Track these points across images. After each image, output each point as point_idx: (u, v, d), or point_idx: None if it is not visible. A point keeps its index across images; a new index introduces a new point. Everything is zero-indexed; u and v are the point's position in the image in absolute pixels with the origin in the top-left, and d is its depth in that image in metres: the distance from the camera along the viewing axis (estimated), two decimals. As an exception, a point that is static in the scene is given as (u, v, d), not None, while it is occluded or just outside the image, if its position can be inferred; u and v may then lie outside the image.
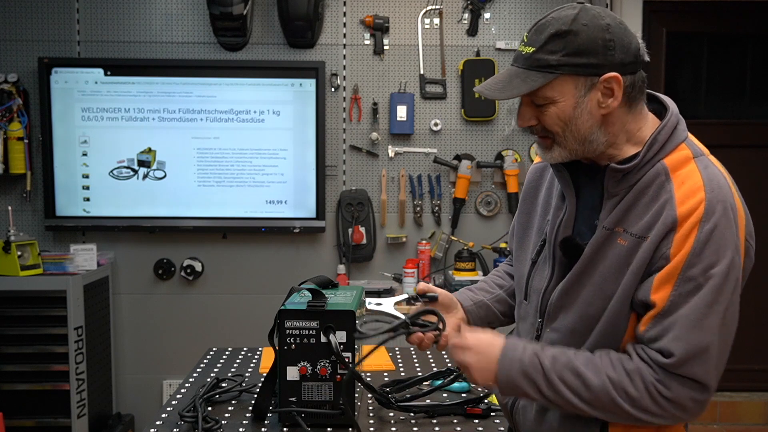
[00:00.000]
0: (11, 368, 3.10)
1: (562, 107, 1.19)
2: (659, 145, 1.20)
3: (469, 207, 3.59)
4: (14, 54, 3.45)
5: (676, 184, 1.17)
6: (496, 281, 1.59)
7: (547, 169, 1.42)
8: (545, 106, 1.20)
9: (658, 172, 1.19)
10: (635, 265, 1.18)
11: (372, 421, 1.62)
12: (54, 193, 3.42)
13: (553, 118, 1.20)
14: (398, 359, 2.14)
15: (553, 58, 1.16)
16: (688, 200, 1.15)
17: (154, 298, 3.57)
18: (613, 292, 1.20)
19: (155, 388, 3.59)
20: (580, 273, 1.25)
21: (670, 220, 1.15)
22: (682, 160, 1.19)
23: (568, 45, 1.15)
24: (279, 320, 1.53)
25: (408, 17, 3.53)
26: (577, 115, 1.19)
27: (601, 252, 1.22)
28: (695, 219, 1.13)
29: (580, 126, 1.19)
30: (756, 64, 3.83)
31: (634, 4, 3.53)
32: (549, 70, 1.16)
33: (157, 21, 3.49)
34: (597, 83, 1.17)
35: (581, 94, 1.18)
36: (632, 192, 1.20)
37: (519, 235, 1.46)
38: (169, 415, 1.64)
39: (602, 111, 1.19)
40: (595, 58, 1.16)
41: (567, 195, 1.31)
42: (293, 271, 3.52)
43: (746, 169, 3.65)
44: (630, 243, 1.19)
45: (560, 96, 1.18)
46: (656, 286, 1.14)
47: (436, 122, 3.54)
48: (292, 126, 3.46)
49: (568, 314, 1.27)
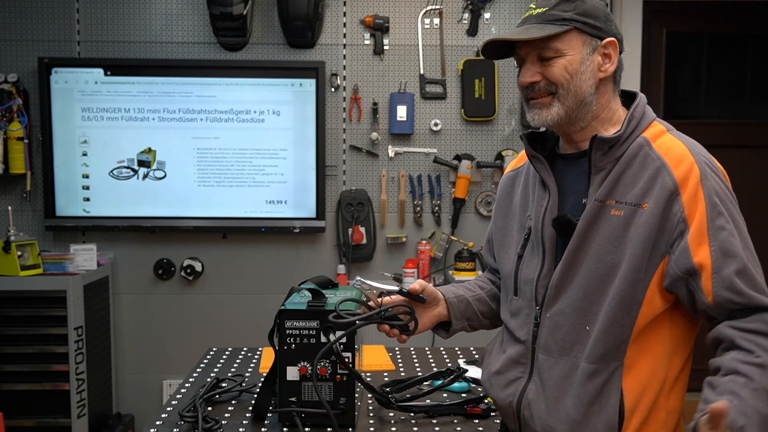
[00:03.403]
0: (11, 368, 3.10)
1: (570, 60, 1.27)
2: (636, 121, 1.29)
3: (469, 207, 3.59)
4: (14, 54, 3.45)
5: (662, 152, 1.25)
6: (478, 283, 1.61)
7: (518, 177, 1.48)
8: (553, 59, 1.27)
9: (641, 144, 1.27)
10: (639, 233, 1.21)
11: (372, 421, 1.62)
12: (54, 193, 3.42)
13: (560, 69, 1.27)
14: (398, 359, 2.14)
15: (566, 14, 1.26)
16: (681, 164, 1.23)
17: (154, 298, 3.57)
18: (615, 262, 1.23)
19: (155, 388, 3.59)
20: (576, 249, 1.27)
21: (671, 185, 1.21)
22: (658, 133, 1.29)
23: (577, 7, 1.27)
24: (279, 320, 1.53)
25: (408, 17, 3.53)
26: (582, 71, 1.27)
27: (594, 225, 1.26)
28: (695, 178, 1.21)
29: (582, 83, 1.27)
30: (756, 64, 3.83)
31: (634, 4, 3.53)
32: (563, 23, 1.26)
33: (157, 21, 3.49)
34: (598, 46, 1.28)
35: (587, 51, 1.27)
36: (619, 164, 1.27)
37: (499, 240, 1.49)
38: (169, 415, 1.64)
39: (600, 75, 1.29)
40: (599, 22, 1.28)
41: (548, 182, 1.35)
42: (293, 271, 3.52)
43: (746, 169, 3.65)
44: (626, 212, 1.24)
45: (570, 49, 1.27)
46: (693, 249, 1.19)
47: (436, 122, 3.54)
48: (292, 126, 3.46)
49: (569, 294, 1.28)
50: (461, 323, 1.52)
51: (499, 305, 1.53)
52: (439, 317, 1.50)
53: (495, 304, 1.56)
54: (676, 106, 3.80)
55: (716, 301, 1.19)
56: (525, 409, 1.33)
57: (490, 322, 1.57)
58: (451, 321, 1.51)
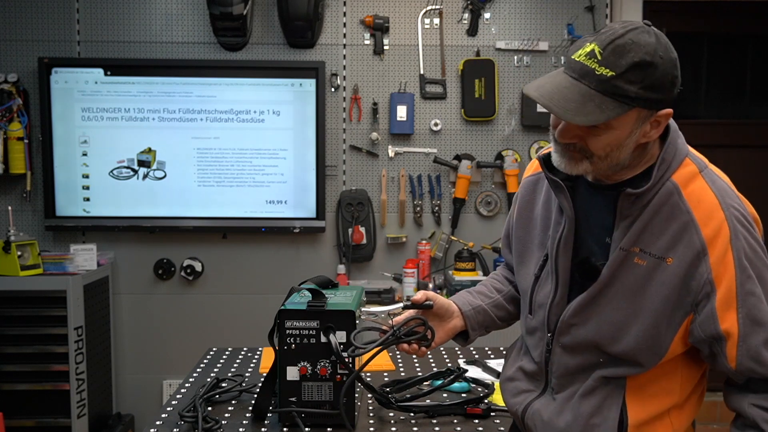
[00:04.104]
0: (11, 368, 3.09)
1: (617, 135, 1.14)
2: (667, 164, 1.19)
3: (469, 207, 3.59)
4: (14, 54, 3.45)
5: (692, 204, 1.17)
6: (495, 285, 1.57)
7: (540, 182, 1.40)
8: (601, 131, 1.14)
9: (670, 191, 1.18)
10: (661, 289, 1.17)
11: (372, 421, 1.62)
12: (54, 193, 3.42)
13: (603, 143, 1.15)
14: (398, 359, 2.14)
15: (632, 90, 1.09)
16: (710, 222, 1.15)
17: (154, 298, 3.57)
18: (632, 312, 1.20)
19: (155, 388, 3.59)
20: (597, 294, 1.24)
21: (698, 245, 1.15)
22: (690, 177, 1.20)
23: (647, 78, 1.10)
24: (279, 320, 1.53)
25: (408, 17, 3.53)
26: (626, 144, 1.16)
27: (618, 273, 1.22)
28: (725, 239, 1.14)
29: (622, 153, 1.17)
30: (756, 64, 3.83)
31: (634, 4, 3.53)
32: (626, 102, 1.10)
33: (157, 21, 3.49)
34: (652, 117, 1.15)
35: (638, 126, 1.15)
36: (646, 212, 1.19)
37: (519, 250, 1.44)
38: (169, 415, 1.64)
39: (643, 140, 1.17)
40: (664, 94, 1.13)
41: (565, 209, 1.28)
42: (293, 271, 3.52)
43: (746, 169, 3.65)
44: (649, 263, 1.18)
45: (620, 126, 1.14)
46: (720, 316, 1.14)
47: (436, 122, 3.54)
48: (292, 126, 3.46)
49: (582, 332, 1.26)
50: (479, 332, 1.51)
51: (516, 307, 1.52)
52: (455, 330, 1.48)
53: (512, 307, 1.53)
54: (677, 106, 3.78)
55: (739, 369, 1.16)
56: (529, 418, 1.35)
57: (508, 323, 1.56)
58: (468, 332, 1.50)
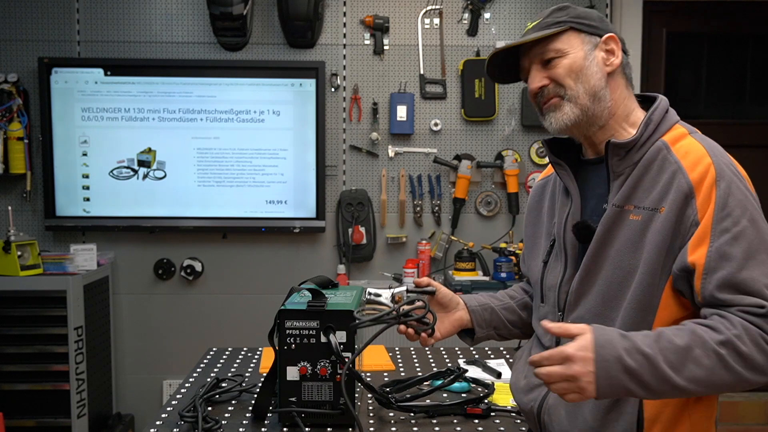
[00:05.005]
0: (11, 368, 3.09)
1: (573, 58, 1.29)
2: (654, 124, 1.28)
3: (469, 207, 3.59)
4: (14, 54, 3.45)
5: (680, 155, 1.23)
6: (509, 293, 1.60)
7: (548, 185, 1.49)
8: (556, 60, 1.30)
9: (659, 148, 1.26)
10: (655, 237, 1.20)
11: (372, 421, 1.62)
12: (54, 193, 3.42)
13: (565, 68, 1.29)
14: (398, 359, 2.14)
15: (562, 18, 1.31)
16: (697, 166, 1.20)
17: (154, 298, 3.57)
18: (633, 267, 1.22)
19: (155, 388, 3.59)
20: (595, 254, 1.27)
21: (686, 188, 1.19)
22: (679, 136, 1.27)
23: (570, 12, 1.32)
24: (279, 320, 1.53)
25: (408, 17, 3.53)
26: (587, 66, 1.29)
27: (613, 230, 1.25)
28: (710, 180, 1.19)
29: (590, 77, 1.29)
30: (756, 64, 3.82)
31: (634, 4, 3.53)
32: (557, 25, 1.30)
33: (157, 21, 3.49)
34: (599, 43, 1.31)
35: (588, 48, 1.30)
36: (637, 169, 1.26)
37: (529, 248, 1.49)
38: (169, 415, 1.64)
39: (607, 68, 1.30)
40: (594, 22, 1.32)
41: (570, 188, 1.35)
42: (293, 271, 3.52)
43: (746, 169, 3.62)
44: (644, 216, 1.22)
45: (570, 48, 1.29)
46: (691, 249, 1.17)
47: (436, 122, 3.54)
48: (292, 126, 3.46)
49: (588, 300, 1.28)
50: (486, 331, 1.52)
51: (529, 314, 1.54)
52: (461, 322, 1.50)
53: (526, 314, 1.55)
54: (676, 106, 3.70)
55: (704, 300, 1.17)
56: (545, 414, 1.34)
57: (521, 331, 1.57)
58: (474, 329, 1.51)
